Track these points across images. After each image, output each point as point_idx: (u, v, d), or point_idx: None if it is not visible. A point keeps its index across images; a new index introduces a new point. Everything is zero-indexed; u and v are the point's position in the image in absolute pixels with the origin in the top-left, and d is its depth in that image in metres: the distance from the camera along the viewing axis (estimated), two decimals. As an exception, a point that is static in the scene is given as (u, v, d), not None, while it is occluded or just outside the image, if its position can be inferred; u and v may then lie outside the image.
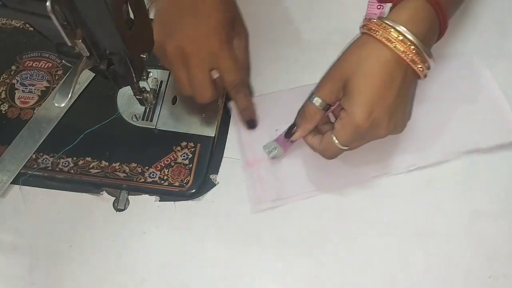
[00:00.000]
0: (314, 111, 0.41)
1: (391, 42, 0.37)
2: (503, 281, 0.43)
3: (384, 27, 0.38)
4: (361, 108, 0.38)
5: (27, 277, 0.43)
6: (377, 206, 0.46)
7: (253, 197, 0.46)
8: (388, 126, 0.39)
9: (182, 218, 0.46)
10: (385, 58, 0.38)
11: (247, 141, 0.47)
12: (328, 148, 0.41)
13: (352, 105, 0.38)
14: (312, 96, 0.41)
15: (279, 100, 0.49)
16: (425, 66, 0.39)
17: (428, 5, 0.39)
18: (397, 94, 0.38)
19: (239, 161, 0.48)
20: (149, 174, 0.47)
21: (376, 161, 0.46)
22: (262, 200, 0.45)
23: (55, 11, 0.30)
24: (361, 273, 0.43)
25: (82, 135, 0.48)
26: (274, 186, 0.46)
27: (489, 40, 0.52)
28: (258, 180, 0.46)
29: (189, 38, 0.40)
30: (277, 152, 0.45)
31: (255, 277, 0.43)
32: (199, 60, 0.41)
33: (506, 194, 0.46)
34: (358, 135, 0.39)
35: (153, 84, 0.48)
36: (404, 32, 0.37)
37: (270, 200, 0.45)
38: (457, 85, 0.50)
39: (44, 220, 0.45)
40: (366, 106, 0.38)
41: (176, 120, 0.49)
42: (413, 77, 0.40)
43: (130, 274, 0.43)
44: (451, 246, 0.44)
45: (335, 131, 0.40)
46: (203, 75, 0.42)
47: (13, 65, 0.53)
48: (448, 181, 0.47)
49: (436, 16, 0.39)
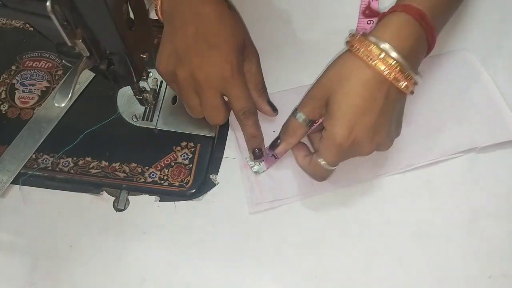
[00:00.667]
0: (297, 127, 0.42)
1: (373, 60, 0.37)
2: (503, 281, 0.43)
3: (366, 44, 0.37)
4: (341, 128, 0.38)
5: (27, 277, 0.43)
6: (377, 206, 0.46)
7: (251, 198, 0.46)
8: (371, 145, 0.39)
9: (182, 218, 0.46)
10: (366, 77, 0.38)
11: (243, 142, 0.47)
12: (316, 170, 0.42)
13: (333, 125, 0.38)
14: (295, 111, 0.42)
15: (277, 101, 0.49)
16: (411, 83, 0.38)
17: (413, 20, 0.38)
18: (379, 112, 0.38)
19: (237, 161, 0.48)
20: (149, 174, 0.47)
21: (374, 161, 0.46)
22: (260, 201, 0.45)
23: (55, 11, 0.30)
24: (361, 273, 0.43)
25: (82, 135, 0.48)
26: (271, 188, 0.46)
27: (487, 38, 0.52)
28: (255, 181, 0.46)
29: (201, 66, 0.40)
30: (260, 167, 0.46)
31: (255, 277, 0.43)
32: (211, 86, 0.40)
33: (506, 194, 0.46)
34: (341, 154, 0.39)
35: (153, 84, 0.48)
36: (388, 49, 0.37)
37: (268, 201, 0.45)
38: (455, 83, 0.50)
39: (44, 220, 0.45)
40: (346, 126, 0.38)
41: (176, 120, 0.49)
42: (397, 94, 0.39)
43: (130, 274, 0.43)
44: (451, 246, 0.44)
45: (319, 152, 0.40)
46: (215, 99, 0.41)
47: (13, 65, 0.53)
48: (448, 181, 0.47)
49: (423, 31, 0.39)
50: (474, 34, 0.52)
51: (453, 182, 0.47)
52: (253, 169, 0.46)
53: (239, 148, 0.48)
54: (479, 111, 0.48)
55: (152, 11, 0.56)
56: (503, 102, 0.48)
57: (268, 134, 0.47)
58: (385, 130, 0.39)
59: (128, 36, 0.37)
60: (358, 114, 0.38)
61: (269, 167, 0.46)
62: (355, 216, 0.45)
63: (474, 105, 0.49)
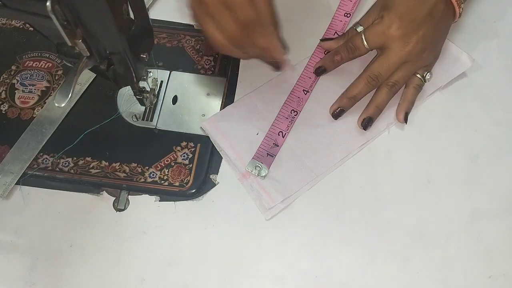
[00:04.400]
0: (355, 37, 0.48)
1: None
2: (503, 281, 0.43)
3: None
4: (390, 18, 0.45)
5: (27, 277, 0.43)
6: (377, 206, 0.46)
7: (262, 205, 0.45)
8: (416, 44, 0.45)
9: (182, 218, 0.46)
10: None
11: (233, 154, 0.47)
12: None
13: (383, 16, 0.46)
14: (356, 24, 0.49)
15: (252, 102, 0.50)
16: (461, 9, 0.46)
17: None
18: (427, 12, 0.45)
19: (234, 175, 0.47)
20: (149, 174, 0.47)
21: (358, 130, 0.48)
22: (271, 205, 0.45)
23: (55, 11, 0.30)
24: (361, 273, 0.43)
25: (82, 135, 0.48)
26: (277, 188, 0.46)
27: (487, 38, 0.52)
28: (260, 187, 0.46)
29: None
30: (262, 170, 0.46)
31: (255, 277, 0.43)
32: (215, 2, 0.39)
33: (506, 194, 0.46)
34: (383, 39, 0.45)
35: (153, 84, 0.48)
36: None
37: (279, 202, 0.45)
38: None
39: (44, 220, 0.45)
40: (395, 17, 0.45)
41: (176, 120, 0.49)
42: (448, 11, 0.46)
43: (130, 274, 0.43)
44: (451, 246, 0.44)
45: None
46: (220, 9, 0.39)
47: (13, 65, 0.53)
48: (448, 181, 0.47)
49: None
50: (474, 34, 0.53)
51: (453, 182, 0.47)
52: (260, 175, 0.46)
53: (231, 163, 0.47)
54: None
55: (152, 11, 0.56)
56: (447, 41, 0.51)
57: (252, 139, 0.48)
58: (431, 35, 0.45)
59: (128, 36, 0.37)
60: (407, 9, 0.45)
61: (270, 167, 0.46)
62: (355, 216, 0.45)
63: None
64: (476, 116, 0.50)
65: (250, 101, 0.50)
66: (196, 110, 0.50)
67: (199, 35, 0.55)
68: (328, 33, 0.53)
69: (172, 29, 0.55)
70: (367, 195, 0.46)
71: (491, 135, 0.49)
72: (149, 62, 0.42)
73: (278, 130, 0.48)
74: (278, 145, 0.47)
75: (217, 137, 0.48)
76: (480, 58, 0.52)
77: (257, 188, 0.46)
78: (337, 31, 0.53)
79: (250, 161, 0.46)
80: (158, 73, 0.51)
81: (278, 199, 0.45)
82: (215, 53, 0.53)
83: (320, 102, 0.50)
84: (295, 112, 0.49)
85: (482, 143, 0.49)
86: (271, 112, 0.49)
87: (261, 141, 0.47)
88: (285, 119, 0.48)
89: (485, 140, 0.49)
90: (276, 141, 0.47)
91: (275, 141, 0.47)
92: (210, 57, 0.53)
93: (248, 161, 0.46)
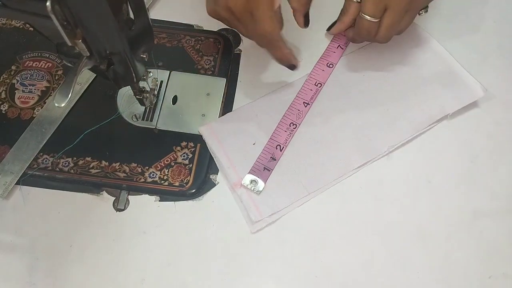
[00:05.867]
0: (350, 4, 0.47)
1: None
2: (503, 281, 0.43)
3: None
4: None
5: (27, 277, 0.43)
6: (377, 206, 0.46)
7: (249, 218, 0.45)
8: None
9: (182, 218, 0.46)
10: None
11: (226, 163, 0.47)
12: (361, 25, 0.47)
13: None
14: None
15: (252, 111, 0.49)
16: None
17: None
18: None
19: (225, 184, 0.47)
20: (149, 174, 0.47)
21: (357, 151, 0.47)
22: (258, 218, 0.44)
23: (55, 11, 0.30)
24: (361, 273, 0.43)
25: (82, 135, 0.48)
26: (266, 202, 0.45)
27: (487, 38, 0.52)
28: (250, 199, 0.45)
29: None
30: (258, 185, 0.45)
31: (255, 277, 0.43)
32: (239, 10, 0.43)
33: (506, 194, 0.46)
34: (380, 3, 0.44)
35: (153, 84, 0.48)
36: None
37: (267, 216, 0.45)
38: (411, 59, 0.52)
39: (44, 220, 0.46)
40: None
41: (176, 120, 0.49)
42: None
43: (130, 274, 0.43)
44: (451, 246, 0.44)
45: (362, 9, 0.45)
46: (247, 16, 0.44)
47: (13, 65, 0.53)
48: (448, 181, 0.47)
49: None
50: (474, 34, 0.53)
51: (454, 182, 0.47)
52: (257, 190, 0.45)
53: (224, 170, 0.47)
54: (441, 81, 0.50)
55: (152, 11, 0.56)
56: (459, 67, 0.50)
57: (247, 149, 0.47)
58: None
59: (128, 36, 0.37)
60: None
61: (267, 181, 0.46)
62: (355, 216, 0.45)
63: (435, 77, 0.50)
64: (476, 116, 0.50)
65: (250, 111, 0.50)
66: (196, 110, 0.50)
67: (199, 35, 0.55)
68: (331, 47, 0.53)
69: (172, 29, 0.55)
70: (367, 195, 0.46)
71: (491, 135, 0.49)
72: (149, 62, 0.42)
73: (276, 144, 0.47)
74: (275, 159, 0.47)
75: (213, 144, 0.48)
76: (480, 58, 0.52)
77: (247, 200, 0.45)
78: (340, 45, 0.53)
79: (246, 175, 0.46)
80: (158, 73, 0.51)
81: (266, 213, 0.45)
82: (215, 53, 0.53)
83: (321, 115, 0.49)
84: (294, 125, 0.48)
85: (482, 143, 0.49)
86: (270, 123, 0.49)
87: (259, 155, 0.47)
88: (284, 132, 0.48)
89: (485, 140, 0.49)
90: (273, 155, 0.47)
91: (273, 155, 0.47)
92: (210, 57, 0.53)
93: (241, 171, 0.46)
